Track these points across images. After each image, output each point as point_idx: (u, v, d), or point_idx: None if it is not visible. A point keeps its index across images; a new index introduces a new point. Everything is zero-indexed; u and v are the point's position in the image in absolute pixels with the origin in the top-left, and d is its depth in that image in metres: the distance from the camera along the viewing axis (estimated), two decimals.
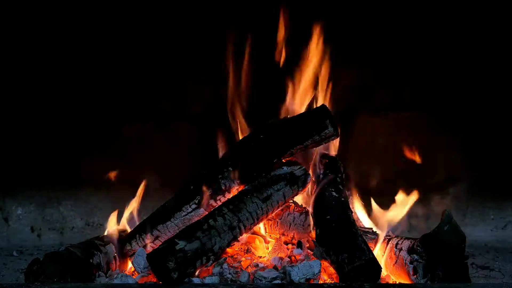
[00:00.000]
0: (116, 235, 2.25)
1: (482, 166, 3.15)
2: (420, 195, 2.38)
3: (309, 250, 2.21)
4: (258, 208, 2.15)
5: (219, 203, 2.24)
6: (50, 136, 3.11)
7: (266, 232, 2.37)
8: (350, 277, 1.88)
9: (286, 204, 2.31)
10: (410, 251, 2.01)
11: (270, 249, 2.27)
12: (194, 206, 2.25)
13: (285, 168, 2.29)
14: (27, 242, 3.06)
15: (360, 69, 3.07)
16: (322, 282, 1.98)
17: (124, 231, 2.32)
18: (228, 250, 2.16)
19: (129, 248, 2.24)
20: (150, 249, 2.16)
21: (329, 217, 2.10)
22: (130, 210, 2.39)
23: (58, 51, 3.05)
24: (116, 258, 2.20)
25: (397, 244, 2.11)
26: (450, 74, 3.11)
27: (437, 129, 3.16)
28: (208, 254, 1.99)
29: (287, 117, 2.40)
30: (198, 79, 3.08)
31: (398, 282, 2.05)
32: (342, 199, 2.24)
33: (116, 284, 1.98)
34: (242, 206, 2.13)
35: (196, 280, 1.95)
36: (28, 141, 3.11)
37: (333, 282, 2.00)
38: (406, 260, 2.01)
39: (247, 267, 2.10)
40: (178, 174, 2.96)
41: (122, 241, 2.24)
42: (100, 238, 2.24)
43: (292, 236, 2.31)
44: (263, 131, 2.36)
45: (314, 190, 2.34)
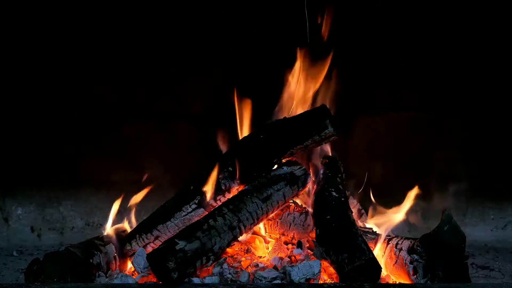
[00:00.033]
0: (116, 235, 2.25)
1: (482, 166, 3.15)
2: (419, 195, 2.38)
3: (309, 250, 2.21)
4: (258, 208, 2.16)
5: (219, 203, 2.24)
6: (50, 136, 3.11)
7: (266, 232, 2.37)
8: (350, 277, 1.88)
9: (286, 204, 2.31)
10: (410, 251, 2.01)
11: (270, 249, 2.27)
12: (194, 206, 2.25)
13: (285, 168, 2.29)
14: (27, 242, 3.06)
15: (360, 69, 3.08)
16: (322, 282, 1.98)
17: (124, 231, 2.32)
18: (228, 250, 2.15)
19: (129, 248, 2.23)
20: (150, 249, 2.16)
21: (329, 217, 2.10)
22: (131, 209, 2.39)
23: (58, 52, 3.05)
24: (116, 258, 2.20)
25: (397, 244, 2.11)
26: (450, 74, 3.11)
27: (437, 129, 3.16)
28: (208, 254, 1.99)
29: (287, 117, 2.40)
30: (198, 79, 3.08)
31: (398, 282, 2.05)
32: (342, 199, 2.24)
33: (116, 284, 1.98)
34: (242, 206, 2.13)
35: (196, 280, 1.95)
36: (28, 141, 3.11)
37: (333, 282, 2.00)
38: (406, 260, 2.01)
39: (247, 267, 2.10)
40: (178, 174, 2.97)
41: (122, 241, 2.24)
42: (100, 238, 2.23)
43: (292, 236, 2.31)
44: (263, 131, 2.37)
45: (314, 190, 2.34)
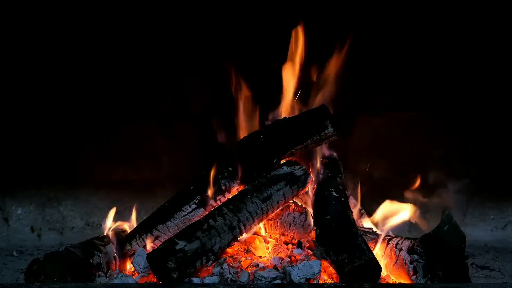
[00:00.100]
0: (116, 235, 2.25)
1: (482, 166, 3.15)
2: (419, 195, 2.39)
3: (309, 250, 2.21)
4: (258, 208, 2.16)
5: (219, 203, 2.24)
6: (50, 136, 3.11)
7: (266, 232, 2.37)
8: (350, 277, 1.88)
9: (286, 204, 2.31)
10: (410, 251, 2.01)
11: (270, 249, 2.27)
12: (194, 206, 2.25)
13: (285, 168, 2.29)
14: (27, 242, 3.06)
15: (360, 69, 3.08)
16: (322, 282, 1.98)
17: (124, 231, 2.32)
18: (228, 250, 2.16)
19: (129, 248, 2.23)
20: (150, 249, 2.16)
21: (329, 217, 2.10)
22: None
23: (59, 52, 3.04)
24: (116, 258, 2.20)
25: (397, 244, 2.11)
26: (450, 74, 3.11)
27: (437, 129, 3.15)
28: (208, 254, 1.99)
29: (287, 117, 2.40)
30: (198, 79, 3.08)
31: (398, 282, 2.05)
32: (342, 199, 2.24)
33: (116, 284, 1.98)
34: (242, 206, 2.13)
35: (196, 280, 1.95)
36: (28, 141, 3.10)
37: (333, 282, 2.00)
38: (406, 260, 2.01)
39: (247, 267, 2.10)
40: (178, 174, 2.97)
41: (122, 241, 2.24)
42: (100, 238, 2.23)
43: (292, 236, 2.31)
44: (263, 131, 2.37)
45: (314, 190, 2.34)
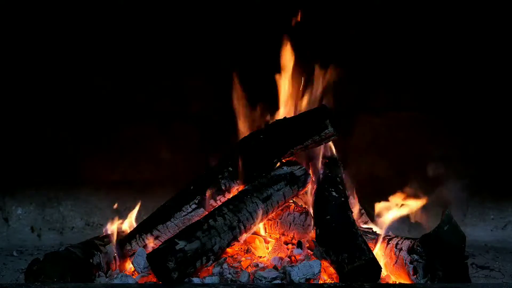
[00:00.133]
0: (116, 235, 2.25)
1: (482, 166, 3.15)
2: (419, 195, 2.39)
3: (309, 250, 2.21)
4: (258, 208, 2.15)
5: (219, 203, 2.24)
6: (50, 136, 3.11)
7: (266, 232, 2.37)
8: (350, 277, 1.88)
9: (286, 204, 2.31)
10: (410, 251, 2.01)
11: (270, 249, 2.27)
12: (194, 206, 2.25)
13: (285, 168, 2.29)
14: (27, 242, 3.06)
15: (360, 69, 3.08)
16: (322, 282, 1.98)
17: (124, 231, 2.32)
18: (228, 250, 2.15)
19: (129, 248, 2.23)
20: (150, 249, 2.16)
21: (329, 217, 2.10)
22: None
23: (59, 52, 3.04)
24: (116, 258, 2.20)
25: (397, 244, 2.11)
26: (450, 74, 3.11)
27: (436, 129, 3.15)
28: (208, 254, 1.99)
29: (287, 117, 2.40)
30: (198, 79, 3.08)
31: (398, 282, 2.05)
32: (342, 199, 2.24)
33: (116, 284, 1.98)
34: (242, 206, 2.13)
35: (196, 280, 1.95)
36: (28, 141, 3.10)
37: (333, 282, 2.00)
38: (406, 260, 2.01)
39: (247, 267, 2.09)
40: (178, 174, 2.97)
41: (122, 241, 2.24)
42: (100, 238, 2.23)
43: (292, 236, 2.31)
44: (263, 131, 2.37)
45: (314, 190, 2.34)
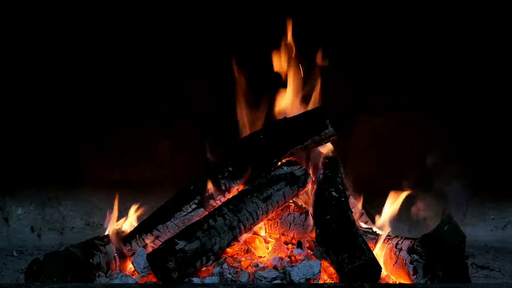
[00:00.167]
0: (116, 235, 2.25)
1: (482, 166, 3.15)
2: (419, 195, 2.39)
3: (309, 250, 2.21)
4: (258, 208, 2.16)
5: (219, 203, 2.24)
6: (50, 136, 3.11)
7: (266, 232, 2.37)
8: (350, 277, 1.88)
9: (286, 204, 2.31)
10: (410, 251, 2.01)
11: (270, 249, 2.27)
12: (194, 206, 2.25)
13: (285, 168, 2.29)
14: (27, 242, 3.06)
15: (360, 68, 3.08)
16: (322, 282, 1.98)
17: (123, 231, 2.32)
18: (228, 250, 2.15)
19: (129, 248, 2.23)
20: (150, 249, 2.16)
21: (329, 217, 2.10)
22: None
23: (59, 52, 3.05)
24: (116, 258, 2.20)
25: (397, 244, 2.11)
26: (450, 75, 3.11)
27: (437, 129, 3.16)
28: (208, 254, 1.99)
29: (287, 117, 2.40)
30: (199, 79, 3.08)
31: (398, 282, 2.05)
32: (342, 199, 2.24)
33: (116, 284, 1.98)
34: (242, 206, 2.13)
35: (196, 280, 1.95)
36: (28, 141, 3.11)
37: (333, 282, 2.00)
38: (406, 260, 2.01)
39: (247, 267, 2.10)
40: (178, 174, 2.97)
41: (122, 241, 2.24)
42: (100, 238, 2.23)
43: (292, 236, 2.31)
44: (263, 131, 2.37)
45: (314, 190, 2.34)
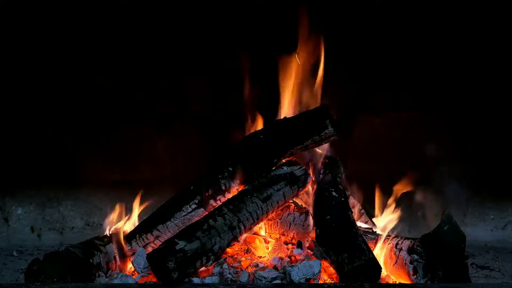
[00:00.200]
0: (116, 235, 2.25)
1: (482, 166, 3.15)
2: (419, 195, 2.39)
3: (309, 250, 2.21)
4: (258, 208, 2.16)
5: (219, 203, 2.24)
6: (50, 136, 3.11)
7: (266, 232, 2.37)
8: (350, 277, 1.88)
9: (286, 204, 2.31)
10: (410, 251, 2.01)
11: (270, 249, 2.27)
12: (194, 206, 2.25)
13: (285, 168, 2.29)
14: (27, 242, 3.06)
15: (360, 68, 3.08)
16: (322, 282, 1.98)
17: (124, 231, 2.32)
18: (228, 250, 2.16)
19: (129, 248, 2.23)
20: (150, 249, 2.16)
21: (329, 217, 2.10)
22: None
23: (59, 52, 3.04)
24: (116, 258, 2.20)
25: (397, 244, 2.11)
26: (450, 74, 3.11)
27: (437, 129, 3.15)
28: (208, 254, 1.99)
29: (287, 117, 2.40)
30: (199, 79, 3.08)
31: (398, 282, 2.05)
32: (342, 199, 2.24)
33: (116, 284, 1.98)
34: (242, 206, 2.13)
35: (196, 280, 1.95)
36: (28, 141, 3.10)
37: (333, 282, 2.00)
38: (406, 260, 2.01)
39: (247, 267, 2.10)
40: (178, 174, 2.97)
41: (122, 241, 2.24)
42: (100, 238, 2.23)
43: (292, 236, 2.31)
44: (263, 131, 2.37)
45: (314, 190, 2.34)
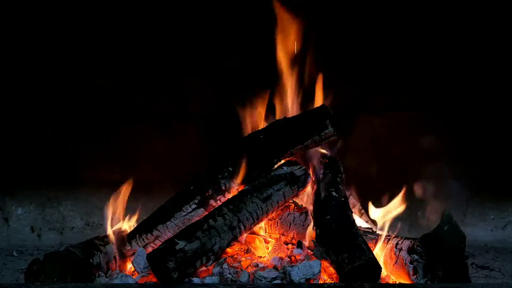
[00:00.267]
0: (116, 235, 2.25)
1: (482, 166, 3.15)
2: (419, 195, 2.39)
3: (309, 250, 2.21)
4: (258, 208, 2.16)
5: (219, 203, 2.24)
6: (50, 136, 3.11)
7: (266, 232, 2.37)
8: (350, 277, 1.88)
9: (286, 204, 2.31)
10: (410, 251, 2.01)
11: (270, 249, 2.27)
12: (194, 206, 2.25)
13: (285, 168, 2.29)
14: (27, 242, 3.06)
15: (360, 68, 3.08)
16: (322, 282, 1.98)
17: (124, 231, 2.32)
18: (228, 250, 2.16)
19: (129, 248, 2.23)
20: (150, 249, 2.16)
21: (329, 217, 2.10)
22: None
23: (59, 52, 3.04)
24: (116, 258, 2.20)
25: (397, 244, 2.11)
26: (450, 75, 3.11)
27: (437, 129, 3.15)
28: (208, 254, 1.99)
29: (287, 117, 2.40)
30: (199, 79, 3.08)
31: (398, 282, 2.05)
32: (342, 199, 2.24)
33: (116, 284, 1.98)
34: (242, 206, 2.13)
35: (196, 280, 1.95)
36: (28, 141, 3.10)
37: (333, 282, 2.00)
38: (406, 260, 2.01)
39: (247, 267, 2.10)
40: (178, 174, 2.96)
41: (122, 241, 2.24)
42: (100, 238, 2.23)
43: (292, 236, 2.31)
44: (263, 131, 2.37)
45: (314, 190, 2.34)
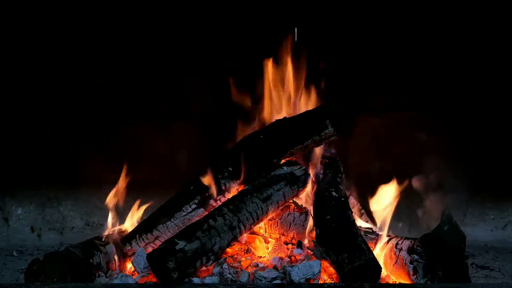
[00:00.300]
0: (116, 235, 2.25)
1: (482, 166, 3.15)
2: (420, 195, 2.39)
3: (309, 250, 2.21)
4: (258, 208, 2.16)
5: (219, 203, 2.24)
6: (50, 136, 3.11)
7: (266, 232, 2.37)
8: (350, 277, 1.88)
9: (286, 204, 2.31)
10: (410, 251, 2.01)
11: (270, 249, 2.27)
12: (194, 206, 2.25)
13: (285, 168, 2.29)
14: (27, 242, 3.06)
15: (360, 68, 3.08)
16: (322, 282, 1.98)
17: (124, 231, 2.32)
18: (228, 250, 2.16)
19: (129, 248, 2.23)
20: (150, 249, 2.16)
21: (329, 217, 2.10)
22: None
23: (59, 52, 3.04)
24: (116, 258, 2.20)
25: (397, 244, 2.11)
26: (450, 75, 3.11)
27: (437, 129, 3.15)
28: (208, 254, 1.99)
29: (287, 117, 2.40)
30: (199, 79, 3.08)
31: (398, 282, 2.05)
32: (342, 199, 2.24)
33: (116, 284, 1.98)
34: (242, 206, 2.13)
35: (196, 280, 1.95)
36: (28, 141, 3.10)
37: (333, 282, 2.00)
38: (406, 260, 2.01)
39: (247, 267, 2.10)
40: (178, 174, 2.96)
41: (122, 241, 2.24)
42: (100, 238, 2.23)
43: (292, 236, 2.31)
44: (263, 131, 2.37)
45: (314, 190, 2.34)
